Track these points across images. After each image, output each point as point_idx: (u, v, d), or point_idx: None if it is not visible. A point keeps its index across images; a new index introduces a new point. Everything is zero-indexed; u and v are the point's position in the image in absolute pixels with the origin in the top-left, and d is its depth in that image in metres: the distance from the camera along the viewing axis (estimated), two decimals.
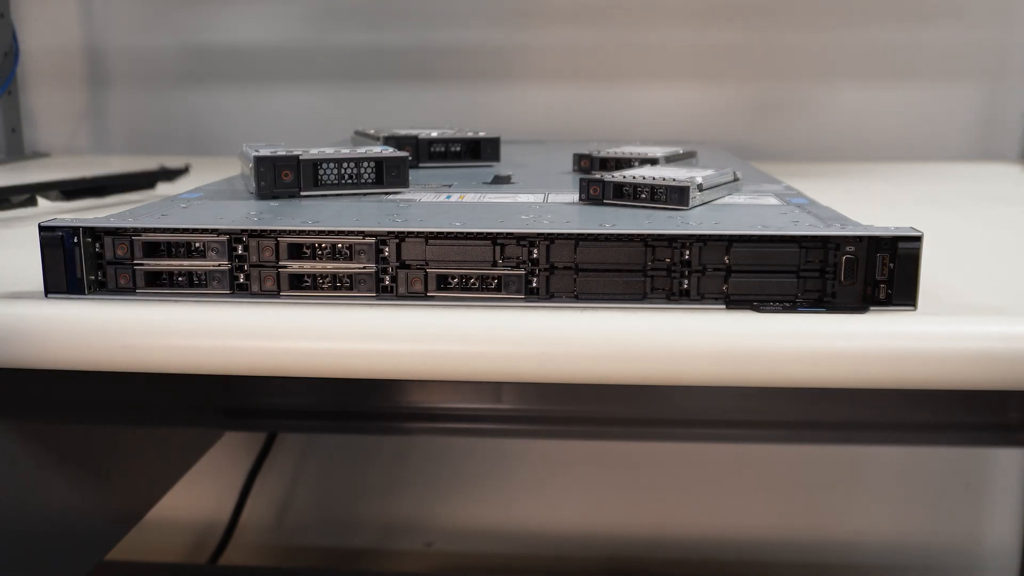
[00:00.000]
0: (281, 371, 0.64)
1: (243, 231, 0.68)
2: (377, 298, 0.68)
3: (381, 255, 0.67)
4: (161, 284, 0.69)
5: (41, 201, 1.06)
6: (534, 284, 0.67)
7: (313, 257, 0.68)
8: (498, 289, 0.67)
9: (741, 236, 0.65)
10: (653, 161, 0.99)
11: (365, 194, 0.85)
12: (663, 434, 1.70)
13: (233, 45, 1.77)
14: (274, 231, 0.68)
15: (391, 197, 0.84)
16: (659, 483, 1.85)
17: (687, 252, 0.66)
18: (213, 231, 0.68)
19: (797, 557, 1.85)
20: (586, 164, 1.02)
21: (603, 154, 1.02)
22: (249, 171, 0.84)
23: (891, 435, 1.64)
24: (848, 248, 0.64)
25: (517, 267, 0.67)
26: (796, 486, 1.82)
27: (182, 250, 0.69)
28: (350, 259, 0.68)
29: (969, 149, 1.69)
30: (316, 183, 0.83)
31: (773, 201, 0.82)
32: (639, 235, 0.66)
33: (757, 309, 0.65)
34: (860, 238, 0.64)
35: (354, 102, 1.76)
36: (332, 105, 1.76)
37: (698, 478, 1.84)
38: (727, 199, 0.83)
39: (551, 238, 0.66)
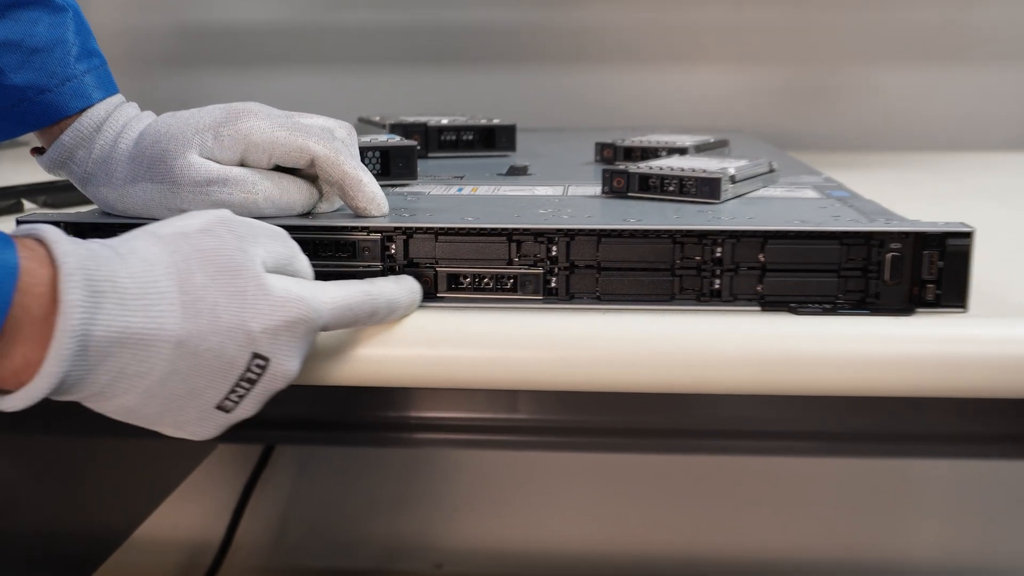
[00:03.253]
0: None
1: None
2: None
3: (387, 252, 0.68)
4: None
5: (28, 206, 1.07)
6: (553, 284, 0.67)
7: (313, 255, 0.68)
8: (514, 289, 0.67)
9: (777, 232, 0.65)
10: (682, 151, 0.99)
11: None
12: (692, 446, 1.70)
13: (228, 25, 1.77)
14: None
15: (398, 190, 0.84)
16: (687, 499, 1.84)
17: (719, 249, 0.66)
18: None
19: None
20: (609, 154, 1.02)
21: (627, 143, 1.02)
22: None
23: (940, 447, 1.63)
24: (893, 245, 0.64)
25: (534, 266, 0.67)
26: (837, 502, 1.82)
27: None
28: (353, 257, 0.68)
29: None
30: None
31: (812, 194, 0.82)
32: (667, 231, 0.66)
33: (794, 311, 0.65)
34: (906, 234, 0.64)
35: (358, 86, 1.76)
36: (334, 90, 1.77)
37: (730, 494, 1.84)
38: (762, 192, 0.83)
39: (571, 234, 0.66)
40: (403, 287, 0.66)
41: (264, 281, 0.58)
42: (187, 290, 0.56)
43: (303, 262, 0.63)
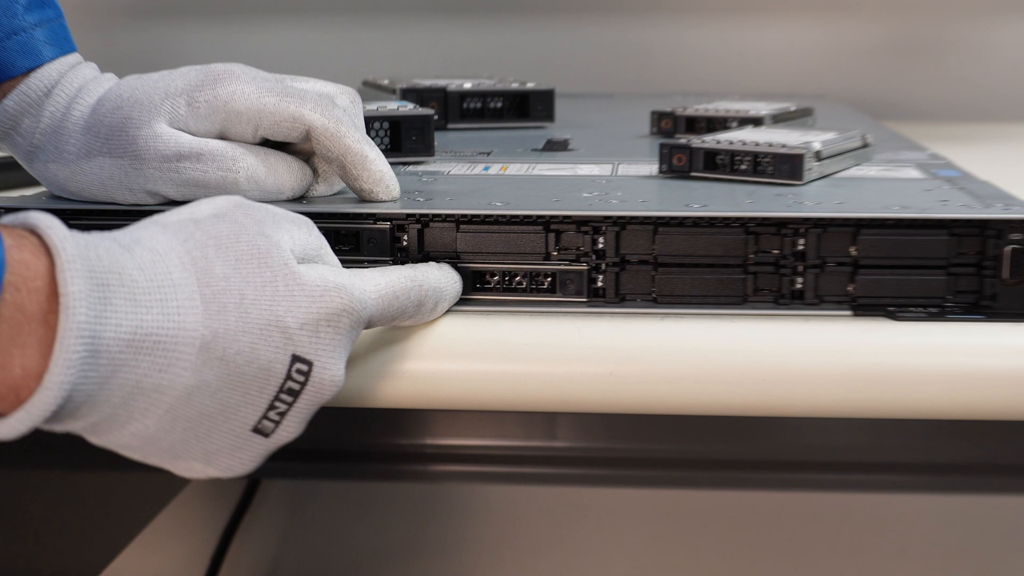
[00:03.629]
0: None
1: None
2: None
3: (398, 245, 0.68)
4: None
5: None
6: (599, 283, 0.67)
7: None
8: (552, 290, 0.67)
9: (872, 220, 0.65)
10: (756, 121, 0.99)
11: None
12: (770, 481, 1.69)
13: None
14: None
15: (411, 168, 0.85)
16: (766, 544, 1.84)
17: (801, 241, 0.66)
18: None
19: None
20: (668, 125, 1.03)
21: (690, 112, 1.02)
22: None
23: None
24: (1013, 235, 0.64)
25: (577, 261, 0.67)
26: (950, 547, 1.81)
27: None
28: (357, 250, 0.68)
29: None
30: None
31: (914, 173, 0.82)
32: (738, 219, 0.66)
33: (894, 316, 0.65)
34: None
35: (362, 42, 1.76)
36: (333, 46, 1.77)
37: (818, 538, 1.83)
38: (853, 171, 0.83)
39: (622, 222, 0.66)
40: (446, 275, 0.66)
41: (295, 269, 0.58)
42: (207, 282, 0.55)
43: (333, 257, 0.63)
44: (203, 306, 0.55)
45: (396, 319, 0.63)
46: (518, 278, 0.67)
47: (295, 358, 0.57)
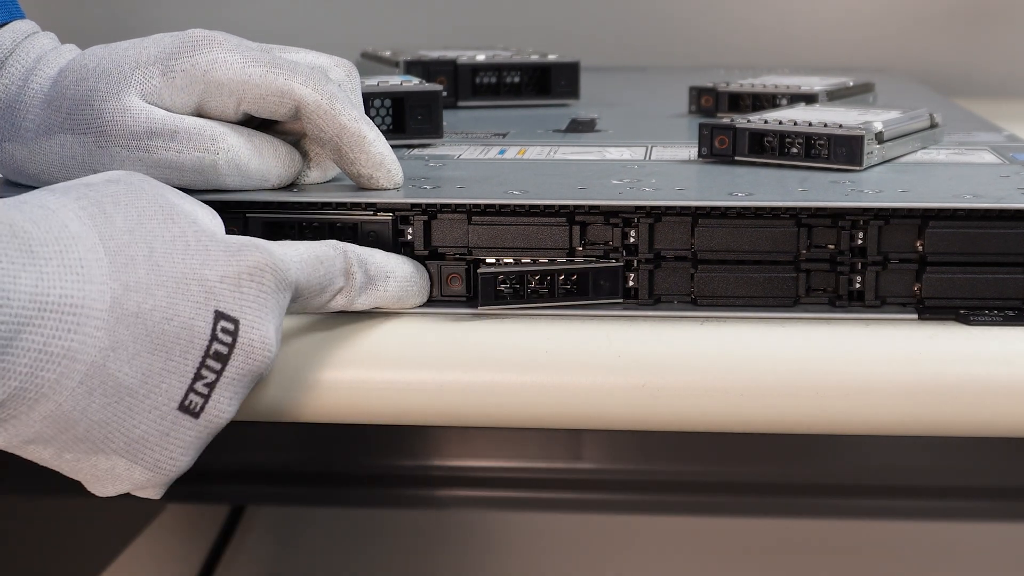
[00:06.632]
0: (249, 413, 0.64)
1: None
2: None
3: (401, 239, 0.68)
4: None
5: None
6: (631, 283, 0.67)
7: None
8: (577, 290, 0.67)
9: (941, 210, 0.65)
10: (809, 98, 0.99)
11: None
12: (826, 508, 1.69)
13: None
14: (241, 203, 0.68)
15: (416, 151, 0.85)
16: None
17: (860, 234, 0.66)
18: None
19: None
20: (709, 103, 1.03)
21: (734, 88, 1.02)
22: None
23: None
24: None
25: (606, 257, 0.67)
26: None
27: None
28: (354, 244, 0.68)
29: None
30: None
31: (989, 158, 0.82)
32: (788, 209, 0.66)
33: (966, 320, 0.65)
34: None
35: (360, 8, 1.76)
36: (327, 12, 1.77)
37: (880, 572, 1.83)
38: (919, 155, 0.83)
39: (656, 213, 0.66)
40: (396, 259, 0.66)
41: (205, 225, 0.58)
42: (109, 235, 0.55)
43: None
44: (108, 259, 0.54)
45: (325, 289, 0.63)
46: (538, 276, 0.67)
47: (218, 315, 0.56)
